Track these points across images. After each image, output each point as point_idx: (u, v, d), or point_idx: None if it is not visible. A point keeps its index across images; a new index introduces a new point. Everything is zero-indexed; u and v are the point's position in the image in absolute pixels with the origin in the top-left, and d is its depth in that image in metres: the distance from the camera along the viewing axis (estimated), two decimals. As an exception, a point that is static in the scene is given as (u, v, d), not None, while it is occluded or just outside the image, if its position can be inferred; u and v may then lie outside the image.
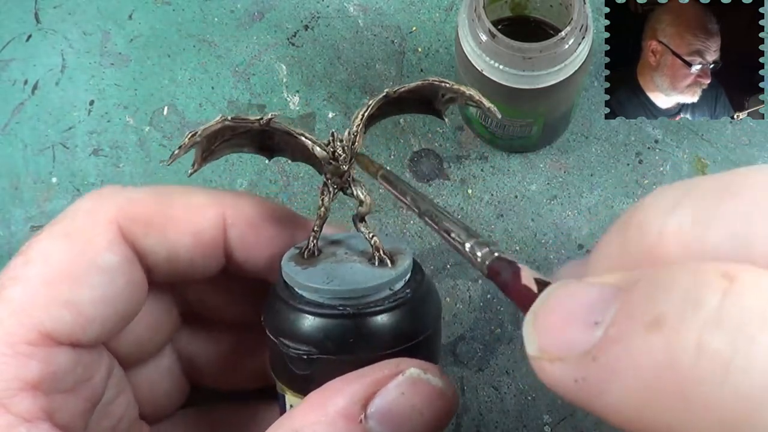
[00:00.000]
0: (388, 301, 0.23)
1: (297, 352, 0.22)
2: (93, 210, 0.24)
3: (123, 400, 0.26)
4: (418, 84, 0.24)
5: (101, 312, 0.22)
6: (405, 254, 0.24)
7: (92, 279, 0.22)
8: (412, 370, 0.21)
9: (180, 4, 0.44)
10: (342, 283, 0.22)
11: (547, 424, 0.37)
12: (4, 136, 0.42)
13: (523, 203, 0.40)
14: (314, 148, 0.24)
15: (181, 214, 0.24)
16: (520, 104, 0.34)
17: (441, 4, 0.43)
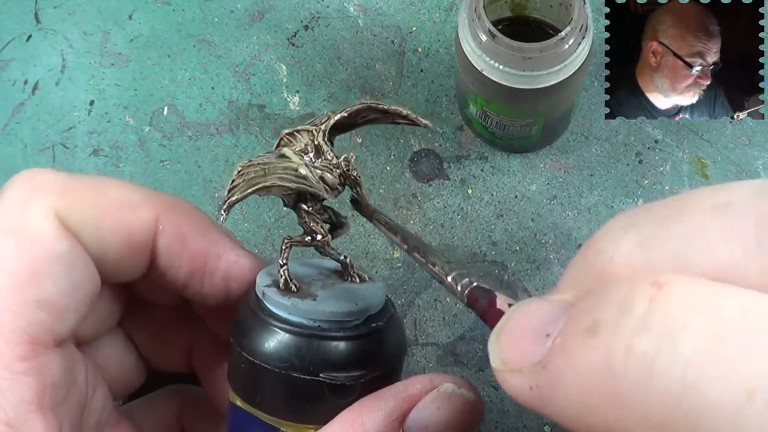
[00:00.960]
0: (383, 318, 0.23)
1: (336, 381, 0.22)
2: (28, 195, 0.22)
3: (100, 393, 0.25)
4: (354, 107, 0.24)
5: (71, 301, 0.22)
6: (372, 278, 0.25)
7: (54, 271, 0.21)
8: (447, 385, 0.21)
9: (180, 4, 0.44)
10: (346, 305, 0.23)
11: (547, 424, 0.37)
12: (4, 136, 0.42)
13: (523, 203, 0.40)
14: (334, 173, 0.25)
15: (115, 210, 0.23)
16: (520, 104, 0.34)
17: (441, 4, 0.43)
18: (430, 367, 0.38)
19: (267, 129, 0.42)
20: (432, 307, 0.39)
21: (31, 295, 0.21)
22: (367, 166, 0.41)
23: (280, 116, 0.42)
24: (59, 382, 0.21)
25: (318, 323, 0.22)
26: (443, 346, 0.38)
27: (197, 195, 0.41)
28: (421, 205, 0.40)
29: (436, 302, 0.39)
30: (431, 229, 0.40)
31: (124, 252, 0.24)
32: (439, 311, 0.39)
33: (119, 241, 0.23)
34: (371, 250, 0.40)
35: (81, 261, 0.22)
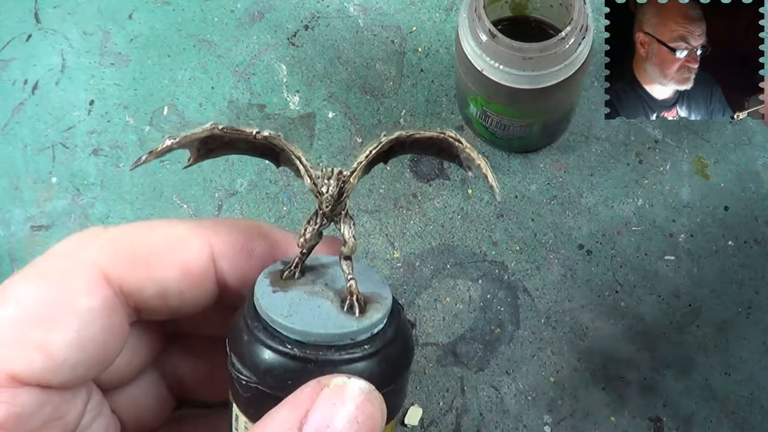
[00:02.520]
0: (342, 352, 0.21)
1: (239, 375, 0.21)
2: (73, 252, 0.23)
3: (101, 421, 0.25)
4: (432, 134, 0.23)
5: (74, 356, 0.22)
6: (381, 304, 0.23)
7: (66, 322, 0.22)
8: (337, 380, 0.20)
9: (180, 4, 0.44)
10: (298, 322, 0.21)
11: (547, 424, 0.37)
12: (4, 136, 0.42)
13: (523, 203, 0.40)
14: (305, 177, 0.22)
15: (164, 247, 0.24)
16: (520, 104, 0.34)
17: (441, 4, 0.43)
18: (430, 366, 0.38)
19: (267, 129, 0.42)
20: (432, 307, 0.39)
21: (34, 337, 0.21)
22: (367, 166, 0.41)
23: (280, 116, 0.42)
24: (30, 414, 0.21)
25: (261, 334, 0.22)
26: (443, 346, 0.38)
27: (197, 195, 0.41)
28: (422, 205, 0.40)
29: (436, 302, 0.39)
30: (431, 229, 0.40)
31: (185, 283, 0.24)
32: (439, 311, 0.39)
33: (176, 275, 0.24)
34: (371, 250, 0.40)
35: (103, 324, 0.22)
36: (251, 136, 0.22)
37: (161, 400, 0.28)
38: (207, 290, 0.25)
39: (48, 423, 0.22)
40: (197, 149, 0.23)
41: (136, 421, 0.27)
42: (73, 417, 0.23)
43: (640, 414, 0.37)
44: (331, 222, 0.23)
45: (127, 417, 0.27)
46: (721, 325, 0.38)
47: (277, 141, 0.23)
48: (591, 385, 0.38)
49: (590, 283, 0.39)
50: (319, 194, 0.22)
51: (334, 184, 0.22)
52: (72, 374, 0.22)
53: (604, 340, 0.38)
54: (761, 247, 0.39)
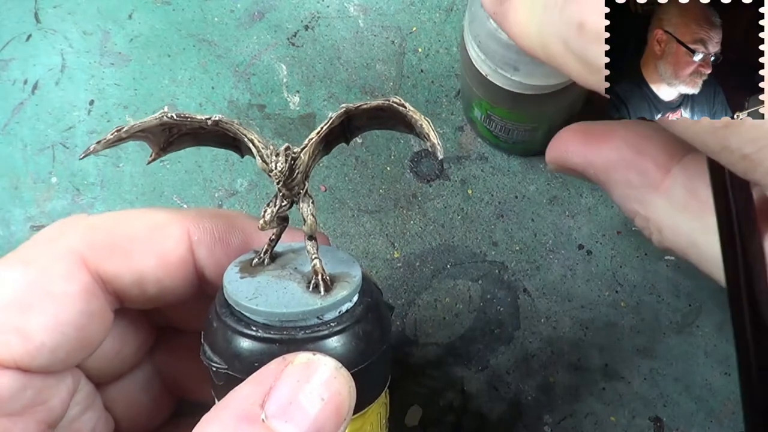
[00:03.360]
0: (308, 330, 0.21)
1: (210, 362, 0.22)
2: (54, 239, 0.23)
3: (91, 416, 0.25)
4: (378, 103, 0.22)
5: (52, 339, 0.22)
6: (349, 282, 0.22)
7: (45, 307, 0.22)
8: (301, 356, 0.20)
9: (180, 4, 0.44)
10: (263, 303, 0.21)
11: (547, 424, 0.37)
12: (4, 136, 0.42)
13: (523, 203, 0.40)
14: (257, 157, 0.22)
15: (143, 235, 0.24)
16: (524, 109, 0.34)
17: (441, 5, 0.43)
18: (430, 367, 0.38)
19: (267, 129, 0.42)
20: (432, 307, 0.39)
21: (11, 321, 0.22)
22: (368, 166, 0.41)
23: (280, 116, 0.42)
24: (9, 397, 0.22)
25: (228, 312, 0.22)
26: (443, 346, 0.38)
27: (197, 195, 0.41)
28: (422, 205, 0.40)
29: (436, 302, 0.39)
30: (431, 229, 0.40)
31: (164, 273, 0.24)
32: (439, 311, 0.39)
33: (154, 265, 0.24)
34: (371, 250, 0.40)
35: (83, 308, 0.23)
36: (203, 122, 0.22)
37: (156, 399, 0.28)
38: (185, 279, 0.25)
39: (29, 407, 0.22)
40: (157, 143, 0.23)
41: (131, 420, 0.27)
42: (57, 403, 0.23)
43: (640, 414, 0.37)
44: (291, 204, 0.23)
45: (122, 414, 0.27)
46: (721, 325, 0.38)
47: (228, 125, 0.22)
48: (591, 385, 0.38)
49: (590, 283, 0.39)
50: (270, 171, 0.22)
51: (283, 160, 0.22)
52: (52, 358, 0.22)
53: (604, 340, 0.38)
54: (761, 247, 0.39)
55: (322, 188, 0.41)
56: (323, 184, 0.41)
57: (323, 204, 0.40)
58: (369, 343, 0.22)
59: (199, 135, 0.24)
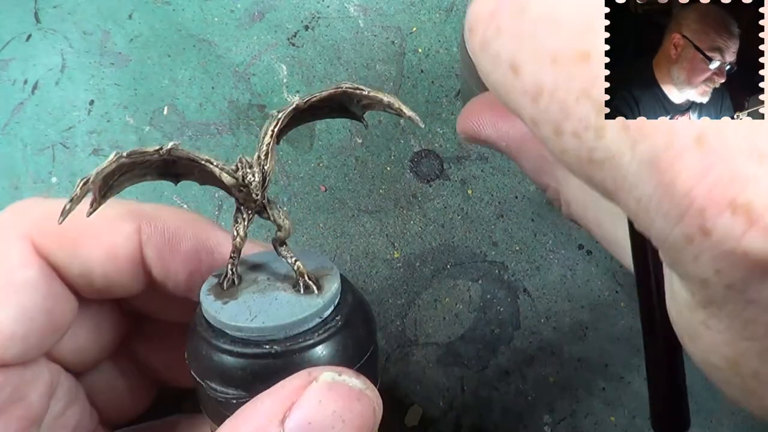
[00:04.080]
0: (318, 332, 0.21)
1: (226, 396, 0.21)
2: (6, 225, 0.23)
3: (75, 410, 0.25)
4: (330, 92, 0.22)
5: (24, 329, 0.22)
6: (331, 274, 0.22)
7: (9, 296, 0.22)
8: (326, 374, 0.20)
9: (180, 4, 0.44)
10: (267, 319, 0.21)
11: (547, 424, 0.37)
12: (4, 136, 0.42)
13: (523, 203, 0.40)
14: (222, 176, 0.22)
15: (94, 228, 0.23)
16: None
17: (441, 5, 0.43)
18: (430, 366, 0.38)
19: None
20: (432, 307, 0.39)
21: None
22: (368, 167, 0.41)
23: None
24: None
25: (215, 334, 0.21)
26: (443, 346, 0.38)
27: (197, 195, 0.41)
28: (422, 205, 0.40)
29: (436, 302, 0.39)
30: (431, 229, 0.40)
31: (112, 267, 0.24)
32: (439, 311, 0.39)
33: (102, 258, 0.23)
34: (371, 250, 0.40)
35: (45, 292, 0.22)
36: (156, 153, 0.22)
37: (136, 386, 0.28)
38: (133, 275, 0.24)
39: (8, 405, 0.22)
40: (98, 190, 0.22)
41: (114, 409, 0.27)
42: (36, 399, 0.23)
43: (640, 414, 0.37)
44: (255, 214, 0.23)
45: (104, 405, 0.27)
46: (720, 325, 0.38)
47: (181, 152, 0.22)
48: (591, 385, 0.38)
49: (590, 283, 0.39)
50: (246, 186, 0.22)
51: (258, 170, 0.22)
52: (24, 346, 0.22)
53: (604, 340, 0.38)
54: (761, 248, 0.39)
55: (322, 188, 0.41)
56: (323, 184, 0.41)
57: (323, 204, 0.40)
58: (368, 327, 0.23)
59: (137, 172, 0.23)
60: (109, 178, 0.22)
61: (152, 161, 0.22)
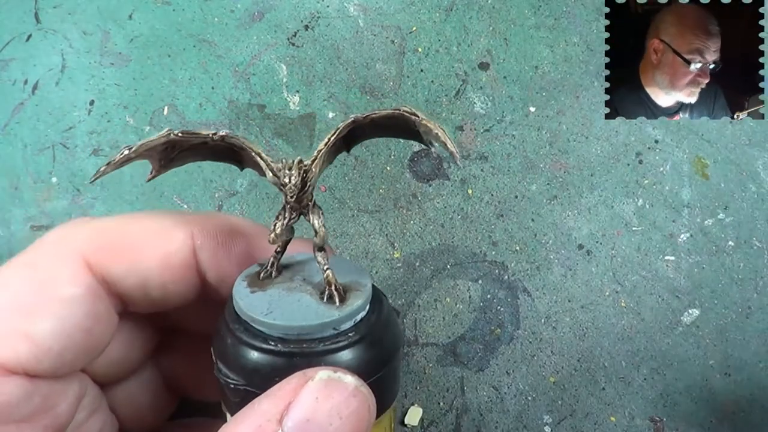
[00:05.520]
0: (327, 342, 0.21)
1: (227, 380, 0.21)
2: (58, 242, 0.23)
3: (97, 419, 0.25)
4: (389, 112, 0.22)
5: (59, 344, 0.22)
6: (362, 291, 0.22)
7: (51, 311, 0.22)
8: (322, 373, 0.20)
9: (180, 4, 0.44)
10: (280, 317, 0.21)
11: (547, 424, 0.37)
12: (4, 136, 0.42)
13: (523, 203, 0.40)
14: (266, 171, 0.22)
15: (147, 239, 0.24)
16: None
17: (441, 4, 0.43)
18: (430, 366, 0.38)
19: (267, 129, 0.42)
20: (432, 307, 0.39)
21: (19, 326, 0.21)
22: (368, 166, 0.41)
23: (280, 116, 0.42)
24: (17, 403, 0.21)
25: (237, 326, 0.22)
26: (443, 346, 0.38)
27: (197, 195, 0.41)
28: (422, 205, 0.40)
29: (436, 302, 0.39)
30: (431, 229, 0.40)
31: (166, 275, 0.24)
32: (439, 311, 0.39)
33: (158, 266, 0.24)
34: (371, 250, 0.40)
35: (88, 311, 0.23)
36: (208, 137, 0.22)
37: (160, 398, 0.28)
38: (189, 283, 0.25)
39: (37, 413, 0.22)
40: (158, 160, 0.23)
41: (135, 420, 0.27)
42: (64, 409, 0.23)
43: (640, 414, 0.37)
44: (300, 215, 0.23)
45: (126, 415, 0.27)
46: (721, 325, 0.38)
47: (235, 140, 0.22)
48: (591, 385, 0.38)
49: (590, 283, 0.39)
50: (283, 185, 0.22)
51: (296, 174, 0.22)
52: (59, 362, 0.22)
53: (604, 340, 0.38)
54: (761, 247, 0.39)
55: (322, 188, 0.41)
56: (323, 184, 0.41)
57: (323, 204, 0.40)
58: (384, 350, 0.22)
59: (199, 150, 0.23)
60: (170, 151, 0.22)
61: (210, 144, 0.22)
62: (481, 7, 0.43)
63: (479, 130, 0.41)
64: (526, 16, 0.42)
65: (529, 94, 0.41)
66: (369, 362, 0.22)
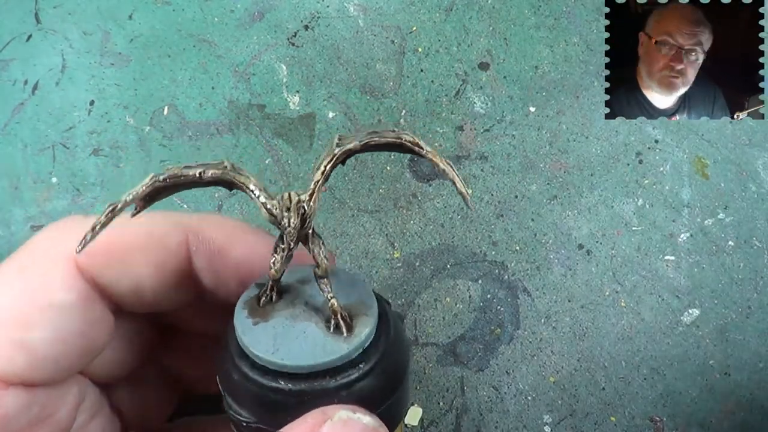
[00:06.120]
0: (338, 377, 0.20)
1: (236, 417, 0.21)
2: (50, 245, 0.23)
3: (99, 421, 0.25)
4: (388, 141, 0.21)
5: (56, 352, 0.22)
6: (368, 314, 0.22)
7: (46, 319, 0.21)
8: (341, 413, 0.19)
9: (180, 4, 0.44)
10: (288, 356, 0.20)
11: (547, 424, 0.37)
12: (4, 136, 0.42)
13: (523, 203, 0.40)
14: (261, 210, 0.21)
15: (141, 244, 0.23)
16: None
17: (441, 5, 0.43)
18: (430, 366, 0.38)
19: (267, 129, 0.42)
20: (432, 307, 0.39)
21: (14, 335, 0.21)
22: (367, 166, 0.41)
23: (280, 116, 0.42)
24: (15, 415, 0.21)
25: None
26: (443, 346, 0.38)
27: (197, 195, 0.41)
28: (422, 204, 0.40)
29: (436, 302, 0.39)
30: (431, 228, 0.40)
31: (160, 281, 0.23)
32: (439, 311, 0.39)
33: (151, 273, 0.23)
34: (371, 250, 0.40)
35: (83, 317, 0.22)
36: (196, 178, 0.21)
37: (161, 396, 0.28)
38: (183, 288, 0.24)
39: (36, 423, 0.22)
40: (141, 199, 0.22)
41: (138, 418, 0.27)
42: (64, 415, 0.23)
43: (640, 414, 0.37)
44: (298, 243, 0.22)
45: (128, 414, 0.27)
46: (721, 325, 0.38)
47: (225, 176, 0.21)
48: (591, 385, 0.38)
49: (590, 283, 0.39)
50: (280, 227, 0.21)
51: (295, 216, 0.21)
52: (56, 369, 0.22)
53: (604, 340, 0.38)
54: (761, 247, 0.39)
55: (323, 188, 0.41)
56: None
57: (323, 204, 0.40)
58: (397, 373, 0.22)
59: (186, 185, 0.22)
60: (154, 195, 0.21)
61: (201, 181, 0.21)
62: (481, 7, 0.43)
63: (479, 130, 0.41)
64: (526, 16, 0.42)
65: (529, 94, 0.41)
66: (384, 389, 0.21)
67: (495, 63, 0.42)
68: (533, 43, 0.42)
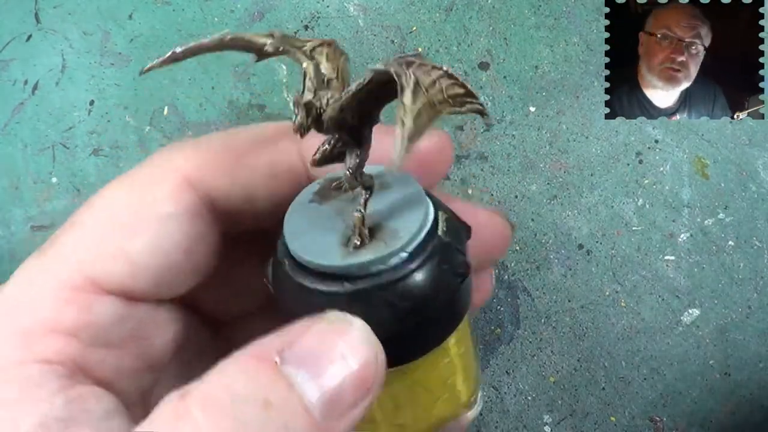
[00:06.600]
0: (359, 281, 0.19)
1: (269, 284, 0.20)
2: (161, 160, 0.22)
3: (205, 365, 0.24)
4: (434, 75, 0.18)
5: (157, 262, 0.21)
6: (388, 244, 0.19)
7: (149, 229, 0.21)
8: (332, 314, 0.19)
9: (180, 4, 0.44)
10: (300, 245, 0.19)
11: (547, 424, 0.37)
12: (4, 136, 0.42)
13: (523, 203, 0.40)
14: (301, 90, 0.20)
15: (252, 148, 0.22)
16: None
17: (441, 5, 0.43)
18: (430, 367, 0.38)
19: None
20: (432, 307, 0.39)
21: (115, 243, 0.21)
22: (367, 166, 0.41)
23: (280, 116, 0.42)
24: (108, 325, 0.21)
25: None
26: (443, 346, 0.38)
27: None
28: (421, 205, 0.40)
29: (436, 302, 0.39)
30: (431, 229, 0.40)
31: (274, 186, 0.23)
32: (439, 311, 0.39)
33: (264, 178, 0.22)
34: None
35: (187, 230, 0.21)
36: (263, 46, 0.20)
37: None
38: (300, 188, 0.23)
39: (129, 340, 0.21)
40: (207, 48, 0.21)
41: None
42: (159, 344, 0.22)
43: (640, 414, 0.37)
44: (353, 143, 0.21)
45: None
46: (721, 325, 0.38)
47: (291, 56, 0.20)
48: (591, 385, 0.38)
49: (590, 283, 0.39)
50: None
51: (303, 114, 0.20)
52: (155, 282, 0.21)
53: (604, 340, 0.38)
54: (761, 247, 0.39)
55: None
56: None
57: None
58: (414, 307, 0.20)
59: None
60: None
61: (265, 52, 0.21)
62: (481, 7, 0.43)
63: (479, 129, 0.41)
64: (526, 16, 0.42)
65: (529, 94, 0.41)
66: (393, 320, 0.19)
67: (495, 63, 0.42)
68: (533, 43, 0.42)
